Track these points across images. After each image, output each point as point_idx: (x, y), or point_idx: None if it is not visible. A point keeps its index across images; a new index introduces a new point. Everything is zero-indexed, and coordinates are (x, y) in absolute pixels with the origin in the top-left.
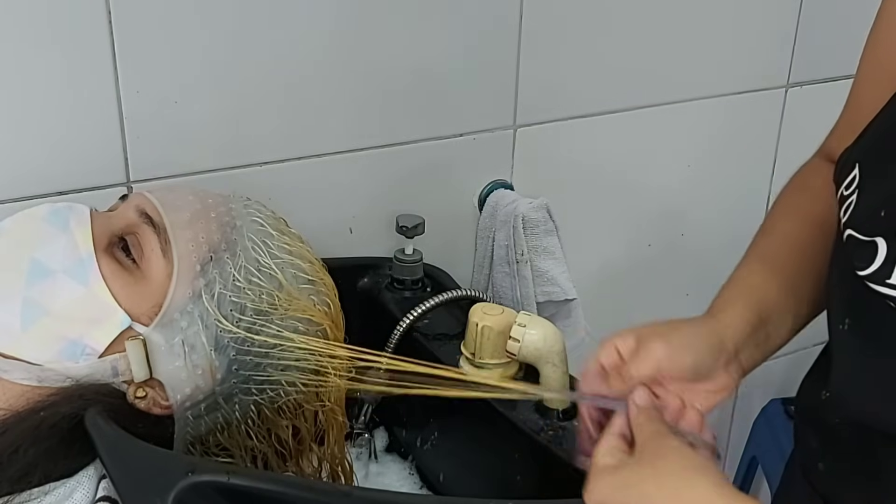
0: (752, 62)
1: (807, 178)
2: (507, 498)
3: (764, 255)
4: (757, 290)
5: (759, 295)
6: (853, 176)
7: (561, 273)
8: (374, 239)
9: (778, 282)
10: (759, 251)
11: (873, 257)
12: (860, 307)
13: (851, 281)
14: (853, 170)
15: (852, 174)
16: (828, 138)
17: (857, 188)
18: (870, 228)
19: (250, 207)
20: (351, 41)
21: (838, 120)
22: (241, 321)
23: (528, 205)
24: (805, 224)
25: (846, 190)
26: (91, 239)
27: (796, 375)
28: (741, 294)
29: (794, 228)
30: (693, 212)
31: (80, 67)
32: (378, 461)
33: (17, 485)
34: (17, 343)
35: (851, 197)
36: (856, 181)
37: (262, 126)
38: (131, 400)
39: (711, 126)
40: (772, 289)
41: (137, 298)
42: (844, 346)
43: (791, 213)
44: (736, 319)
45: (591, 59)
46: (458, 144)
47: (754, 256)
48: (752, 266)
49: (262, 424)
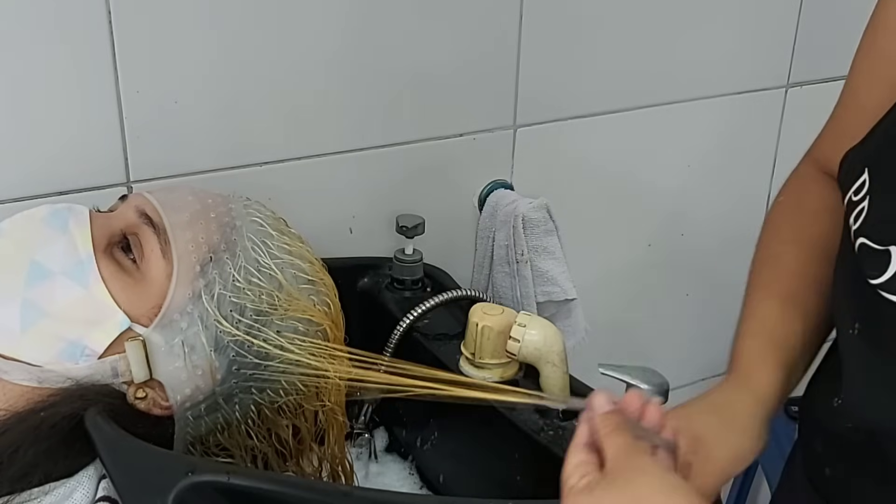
0: (752, 62)
1: (801, 195)
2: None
3: (783, 295)
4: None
5: (785, 345)
6: (863, 181)
7: (561, 273)
8: (374, 239)
9: (801, 327)
10: (772, 288)
11: (886, 266)
12: (872, 315)
13: (863, 289)
14: (862, 174)
15: (861, 179)
16: (818, 142)
17: (868, 194)
18: (883, 237)
19: (250, 207)
20: (351, 41)
21: (829, 123)
22: (240, 321)
23: (528, 205)
24: (814, 257)
25: (855, 195)
26: (90, 240)
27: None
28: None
29: (800, 259)
30: (693, 212)
31: (81, 68)
32: (378, 461)
33: (17, 485)
34: (16, 344)
35: (862, 203)
36: (866, 186)
37: (262, 126)
38: (131, 400)
39: (711, 126)
40: (797, 336)
41: (137, 299)
42: (854, 351)
43: (794, 242)
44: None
45: (591, 59)
46: (458, 144)
47: (769, 293)
48: (771, 309)
49: (262, 424)
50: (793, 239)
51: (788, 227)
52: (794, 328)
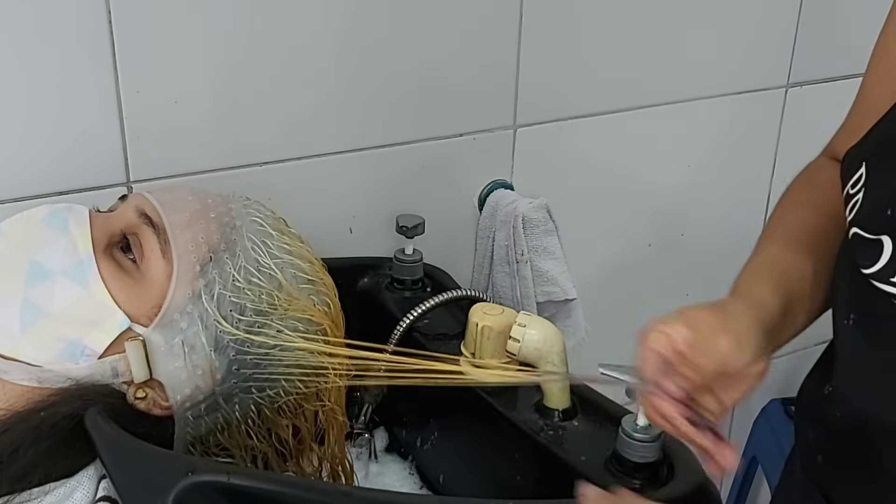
0: (752, 62)
1: (813, 175)
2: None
3: (785, 239)
4: (783, 271)
5: (785, 275)
6: (860, 174)
7: (561, 273)
8: (374, 239)
9: (801, 263)
10: (779, 235)
11: (878, 255)
12: (865, 304)
13: (856, 278)
14: (860, 168)
15: (859, 172)
16: (834, 139)
17: (864, 186)
18: (875, 227)
19: (250, 207)
20: (351, 41)
21: (845, 121)
22: (240, 321)
23: (528, 205)
24: (819, 215)
25: (852, 188)
26: (90, 240)
27: (796, 376)
28: (770, 275)
29: (809, 216)
30: (693, 212)
31: (81, 67)
32: (378, 461)
33: (17, 484)
34: (16, 344)
35: (857, 195)
36: (862, 179)
37: (262, 126)
38: (131, 400)
39: (711, 126)
40: (796, 269)
41: (137, 299)
42: (849, 341)
43: (804, 204)
44: (771, 301)
45: (591, 59)
46: (458, 144)
47: (774, 239)
48: (773, 247)
49: (262, 424)
50: (804, 203)
51: (800, 196)
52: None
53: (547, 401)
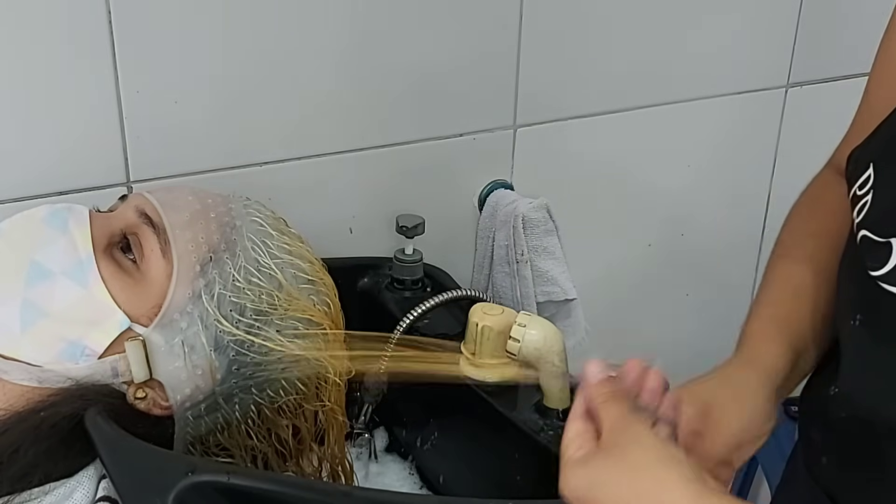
0: (752, 62)
1: (820, 193)
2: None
3: (794, 284)
4: (791, 325)
5: (793, 331)
6: (867, 176)
7: (561, 273)
8: (374, 239)
9: (809, 310)
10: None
11: (887, 258)
12: (873, 306)
13: (863, 280)
14: (867, 169)
15: (866, 174)
16: (839, 148)
17: (872, 188)
18: (885, 229)
19: (250, 207)
20: (351, 41)
21: (849, 129)
22: (240, 321)
23: (528, 205)
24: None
25: (860, 189)
26: (90, 240)
27: None
28: (778, 334)
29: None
30: (693, 212)
31: (81, 67)
32: (378, 461)
33: (17, 484)
34: (16, 344)
35: (866, 197)
36: (870, 181)
37: (262, 126)
38: (131, 400)
39: (711, 126)
40: (804, 320)
41: (137, 299)
42: (855, 342)
43: (814, 234)
44: (780, 363)
45: (591, 59)
46: (458, 144)
47: (783, 279)
48: (781, 292)
49: (262, 424)
50: (810, 233)
51: (808, 220)
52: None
53: (547, 401)
